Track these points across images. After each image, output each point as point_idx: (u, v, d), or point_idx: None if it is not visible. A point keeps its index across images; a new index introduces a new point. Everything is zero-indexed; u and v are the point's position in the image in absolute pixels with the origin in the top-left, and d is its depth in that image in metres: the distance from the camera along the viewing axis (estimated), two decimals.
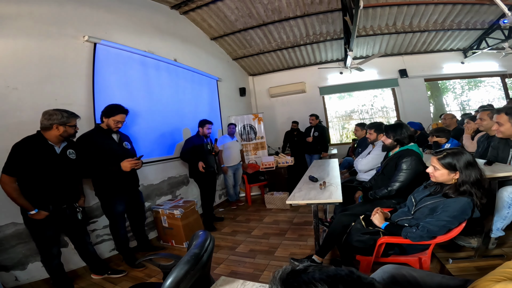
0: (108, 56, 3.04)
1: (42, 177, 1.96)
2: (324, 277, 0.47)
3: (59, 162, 2.06)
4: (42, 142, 2.00)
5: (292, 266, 0.53)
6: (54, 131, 2.01)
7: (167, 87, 3.97)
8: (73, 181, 2.22)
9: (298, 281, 0.48)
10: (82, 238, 2.30)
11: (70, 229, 2.22)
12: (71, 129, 2.10)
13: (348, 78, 6.74)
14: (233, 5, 4.51)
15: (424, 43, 6.15)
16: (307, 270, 0.50)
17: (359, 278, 0.47)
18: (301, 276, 0.49)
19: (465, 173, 1.42)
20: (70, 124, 2.08)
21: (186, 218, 3.14)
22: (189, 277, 0.84)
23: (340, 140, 7.66)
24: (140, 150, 2.97)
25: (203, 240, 1.00)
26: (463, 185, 1.42)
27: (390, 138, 2.26)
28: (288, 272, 0.51)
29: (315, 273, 0.49)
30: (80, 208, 2.23)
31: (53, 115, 1.99)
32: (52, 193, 2.02)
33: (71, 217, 2.16)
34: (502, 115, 2.03)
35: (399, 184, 2.09)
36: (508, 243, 2.12)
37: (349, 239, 1.82)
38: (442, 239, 1.49)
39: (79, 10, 2.85)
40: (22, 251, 2.15)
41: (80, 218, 2.21)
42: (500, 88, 6.75)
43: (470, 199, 1.40)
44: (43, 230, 1.99)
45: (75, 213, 2.18)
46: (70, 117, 2.07)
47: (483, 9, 4.79)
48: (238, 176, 4.71)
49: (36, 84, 2.40)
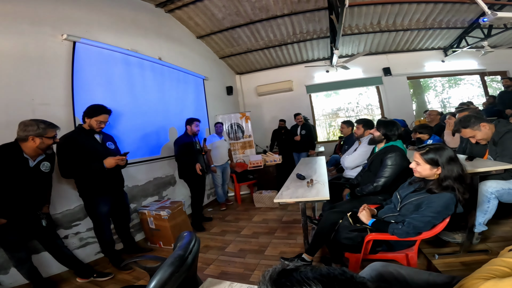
0: (89, 55, 2.94)
1: (8, 189, 1.87)
2: (318, 276, 0.46)
3: (31, 176, 1.97)
4: (17, 154, 1.89)
5: (282, 266, 0.51)
6: (30, 143, 1.91)
7: (152, 86, 3.88)
8: (41, 191, 2.14)
9: (290, 280, 0.47)
10: (53, 242, 2.21)
11: (38, 236, 2.14)
12: (49, 141, 1.99)
13: (334, 76, 6.84)
14: (220, 3, 4.46)
15: (407, 41, 6.32)
16: (298, 269, 0.49)
17: (352, 277, 0.47)
18: (293, 275, 0.48)
19: (447, 168, 1.45)
20: (48, 135, 1.97)
21: (174, 219, 3.09)
22: (174, 279, 0.82)
23: (327, 138, 7.78)
24: (124, 150, 2.90)
25: (187, 241, 0.98)
26: (445, 180, 1.45)
27: (379, 131, 2.28)
28: (279, 272, 0.50)
29: (307, 272, 0.47)
30: (43, 215, 2.13)
31: (28, 125, 1.88)
32: (16, 203, 1.93)
33: (34, 224, 2.07)
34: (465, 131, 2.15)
35: (384, 180, 2.12)
36: (492, 238, 2.18)
37: (338, 237, 1.83)
38: (427, 235, 1.52)
39: (59, 9, 2.75)
40: (4, 255, 2.06)
41: (44, 225, 2.11)
42: (480, 86, 7.03)
43: (453, 194, 1.43)
44: (5, 235, 1.91)
45: (38, 220, 2.09)
46: (47, 128, 1.96)
47: (463, 8, 4.95)
48: (226, 175, 4.68)
49: (12, 84, 2.29)
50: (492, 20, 3.14)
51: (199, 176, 3.66)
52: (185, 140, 3.65)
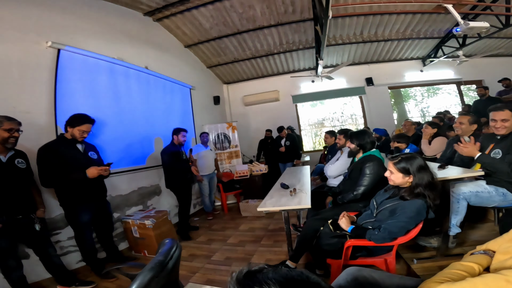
0: (73, 62, 2.93)
1: None
2: (277, 277, 0.50)
3: (7, 171, 1.97)
4: None
5: (248, 267, 0.55)
6: None
7: (137, 95, 3.88)
8: (25, 190, 2.12)
9: (253, 280, 0.51)
10: (45, 250, 2.20)
11: (30, 241, 2.12)
12: (5, 133, 1.97)
13: (319, 86, 6.97)
14: (208, 13, 4.56)
15: (388, 51, 6.58)
16: (262, 270, 0.54)
17: (307, 278, 0.52)
18: (256, 276, 0.52)
19: (418, 176, 1.55)
20: (4, 127, 1.96)
21: (159, 227, 3.06)
22: (154, 284, 0.84)
23: (313, 147, 7.89)
24: (107, 160, 2.87)
25: (168, 247, 1.00)
26: (416, 187, 1.54)
27: (353, 143, 2.40)
28: (245, 273, 0.54)
29: (269, 273, 0.52)
30: (37, 219, 2.12)
31: None
32: (4, 203, 1.91)
33: (27, 228, 2.06)
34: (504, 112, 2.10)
35: (363, 188, 2.21)
36: (467, 242, 2.29)
37: (319, 243, 1.89)
38: (403, 240, 1.59)
39: (44, 16, 2.75)
40: None
41: (38, 230, 2.10)
42: (456, 95, 7.34)
43: (424, 201, 1.52)
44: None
45: (32, 223, 2.08)
46: (4, 120, 1.96)
47: (439, 18, 5.21)
48: (213, 185, 4.68)
49: None
50: (465, 30, 3.26)
51: (186, 186, 3.65)
52: (172, 149, 3.64)
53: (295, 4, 4.58)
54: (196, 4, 4.26)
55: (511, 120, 1.99)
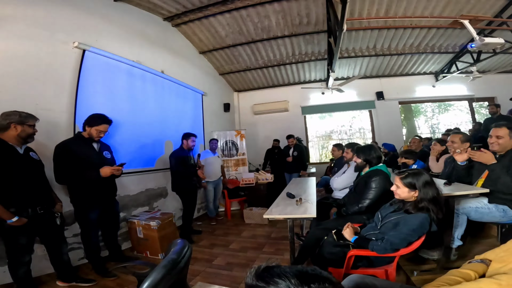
0: (96, 64, 3.06)
1: (10, 180, 1.90)
2: (293, 270, 0.56)
3: (24, 163, 2.02)
4: (2, 145, 1.94)
5: (266, 263, 0.61)
6: (12, 131, 1.96)
7: (152, 98, 4.00)
8: (43, 183, 2.18)
9: (271, 273, 0.56)
10: (59, 245, 2.24)
11: (47, 236, 2.16)
12: (30, 129, 2.05)
13: (329, 98, 6.97)
14: (224, 21, 4.70)
15: (400, 66, 6.52)
16: (279, 266, 0.59)
17: (320, 273, 0.57)
18: (274, 270, 0.57)
19: (423, 191, 1.59)
20: (29, 123, 2.04)
21: (163, 229, 3.11)
22: (165, 281, 0.87)
23: (320, 159, 7.86)
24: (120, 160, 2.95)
25: (181, 247, 1.03)
26: (421, 202, 1.58)
27: (360, 158, 2.45)
28: (263, 268, 0.59)
29: (285, 268, 0.58)
30: (58, 214, 2.19)
31: (10, 115, 1.96)
32: (25, 196, 1.97)
33: (49, 222, 2.11)
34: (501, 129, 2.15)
35: (368, 201, 2.24)
36: (469, 256, 2.25)
37: (322, 251, 1.91)
38: (405, 251, 1.61)
39: (74, 16, 2.87)
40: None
41: (58, 224, 2.17)
42: (468, 112, 7.15)
43: (427, 214, 1.55)
44: (17, 238, 1.93)
45: (53, 218, 2.14)
46: (28, 117, 2.04)
47: (455, 33, 5.17)
48: (218, 191, 4.72)
49: (19, 87, 2.38)
50: (480, 46, 3.27)
51: (192, 190, 3.71)
52: (181, 154, 3.70)
53: (310, 16, 4.69)
54: (214, 12, 4.42)
55: (505, 138, 2.05)
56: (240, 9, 4.41)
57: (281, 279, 0.54)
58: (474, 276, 0.93)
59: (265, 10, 4.51)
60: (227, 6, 4.26)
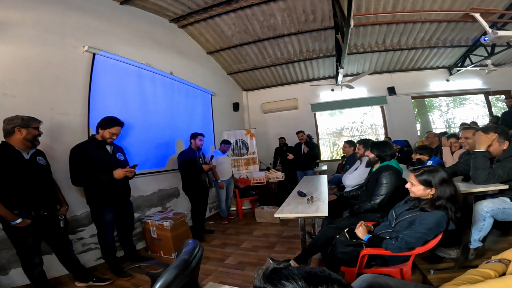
0: (106, 67, 3.12)
1: (15, 184, 1.95)
2: (302, 272, 0.55)
3: (30, 168, 2.05)
4: (8, 149, 1.97)
5: (274, 265, 0.60)
6: (17, 135, 1.99)
7: (162, 100, 4.05)
8: (49, 187, 2.21)
9: (279, 275, 0.56)
10: (64, 246, 2.29)
11: (52, 237, 2.21)
12: (35, 131, 2.07)
13: (339, 95, 6.89)
14: (230, 21, 4.70)
15: (411, 60, 6.38)
16: (287, 268, 0.59)
17: (329, 275, 0.56)
18: (282, 271, 0.57)
19: (440, 189, 1.53)
20: (33, 126, 2.06)
21: (176, 229, 3.15)
22: (178, 282, 0.88)
23: (331, 157, 7.79)
24: (132, 161, 3.01)
25: (192, 247, 1.04)
26: (438, 200, 1.52)
27: (373, 153, 2.40)
28: (271, 269, 0.59)
29: (293, 270, 0.57)
30: (62, 216, 2.23)
31: (13, 119, 1.99)
32: (30, 199, 2.01)
33: (53, 225, 2.16)
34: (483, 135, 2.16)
35: (381, 198, 2.19)
36: (487, 254, 2.18)
37: (334, 251, 1.88)
38: (420, 250, 1.56)
39: (83, 20, 2.93)
40: (6, 256, 2.13)
41: (62, 226, 2.21)
42: (484, 106, 6.91)
43: (445, 212, 1.49)
44: (24, 238, 1.97)
45: (57, 221, 2.19)
46: (30, 120, 2.06)
47: (467, 26, 5.00)
48: (230, 190, 4.74)
49: (34, 92, 2.44)
50: (493, 39, 3.16)
51: (200, 190, 3.74)
52: (189, 155, 3.74)
53: (316, 13, 4.63)
54: (219, 12, 4.42)
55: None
56: (245, 8, 4.39)
57: (289, 281, 0.53)
58: (495, 275, 0.89)
59: (270, 8, 4.47)
60: (232, 5, 4.24)
